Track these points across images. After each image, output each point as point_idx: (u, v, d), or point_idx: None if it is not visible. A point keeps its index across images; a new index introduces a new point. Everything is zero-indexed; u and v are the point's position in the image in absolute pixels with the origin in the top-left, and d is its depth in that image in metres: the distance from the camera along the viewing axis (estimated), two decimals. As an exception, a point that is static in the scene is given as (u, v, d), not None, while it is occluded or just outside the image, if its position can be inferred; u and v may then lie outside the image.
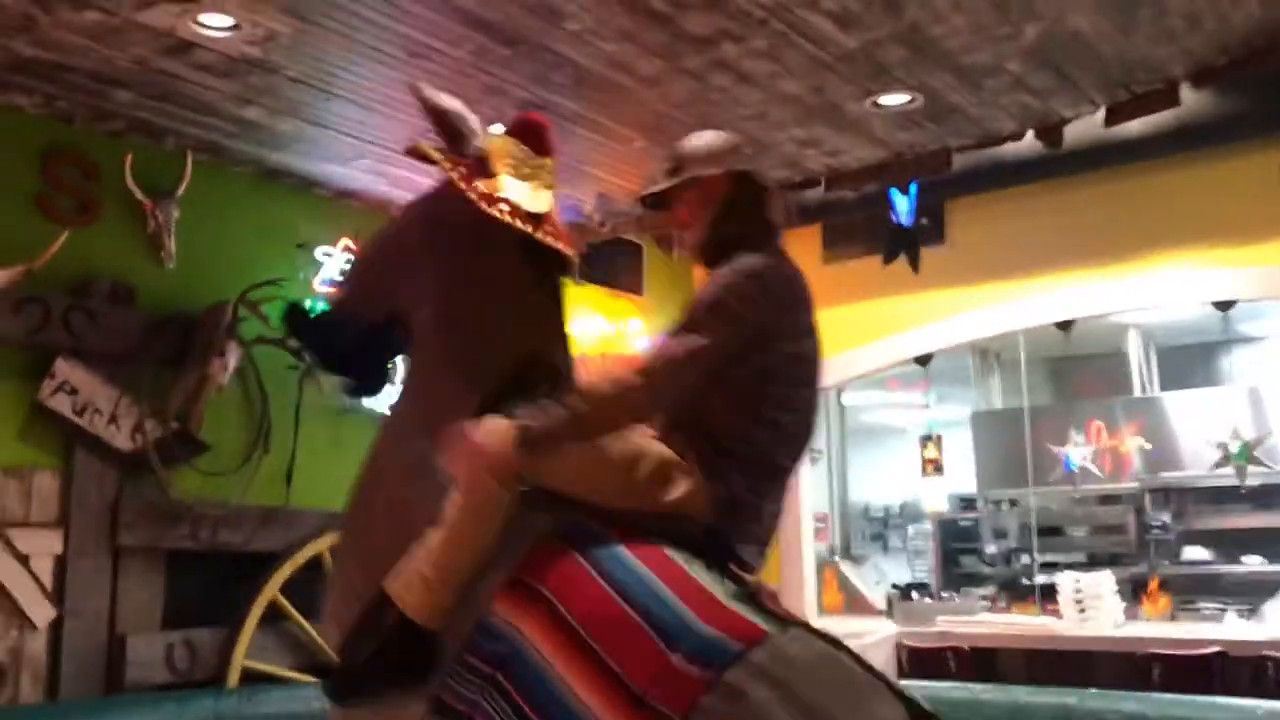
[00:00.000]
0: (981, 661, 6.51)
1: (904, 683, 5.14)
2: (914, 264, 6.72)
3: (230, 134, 5.42)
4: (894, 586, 7.92)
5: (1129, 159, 6.32)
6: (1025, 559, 8.44)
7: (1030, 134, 5.64)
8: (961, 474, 8.74)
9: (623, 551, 2.23)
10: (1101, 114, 5.39)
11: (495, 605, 2.24)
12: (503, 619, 2.21)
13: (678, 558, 2.22)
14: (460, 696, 2.21)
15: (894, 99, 5.23)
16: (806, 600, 7.87)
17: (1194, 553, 7.92)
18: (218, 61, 4.63)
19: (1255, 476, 7.06)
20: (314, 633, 5.67)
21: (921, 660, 6.63)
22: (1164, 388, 8.53)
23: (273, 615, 5.56)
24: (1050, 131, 5.58)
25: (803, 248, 7.95)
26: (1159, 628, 6.58)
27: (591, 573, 2.20)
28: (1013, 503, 8.84)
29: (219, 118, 5.22)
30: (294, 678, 5.50)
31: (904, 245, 6.68)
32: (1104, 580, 6.73)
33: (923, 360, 7.73)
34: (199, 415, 5.43)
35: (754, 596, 2.18)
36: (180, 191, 5.53)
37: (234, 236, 5.87)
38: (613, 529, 2.29)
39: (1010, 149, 5.92)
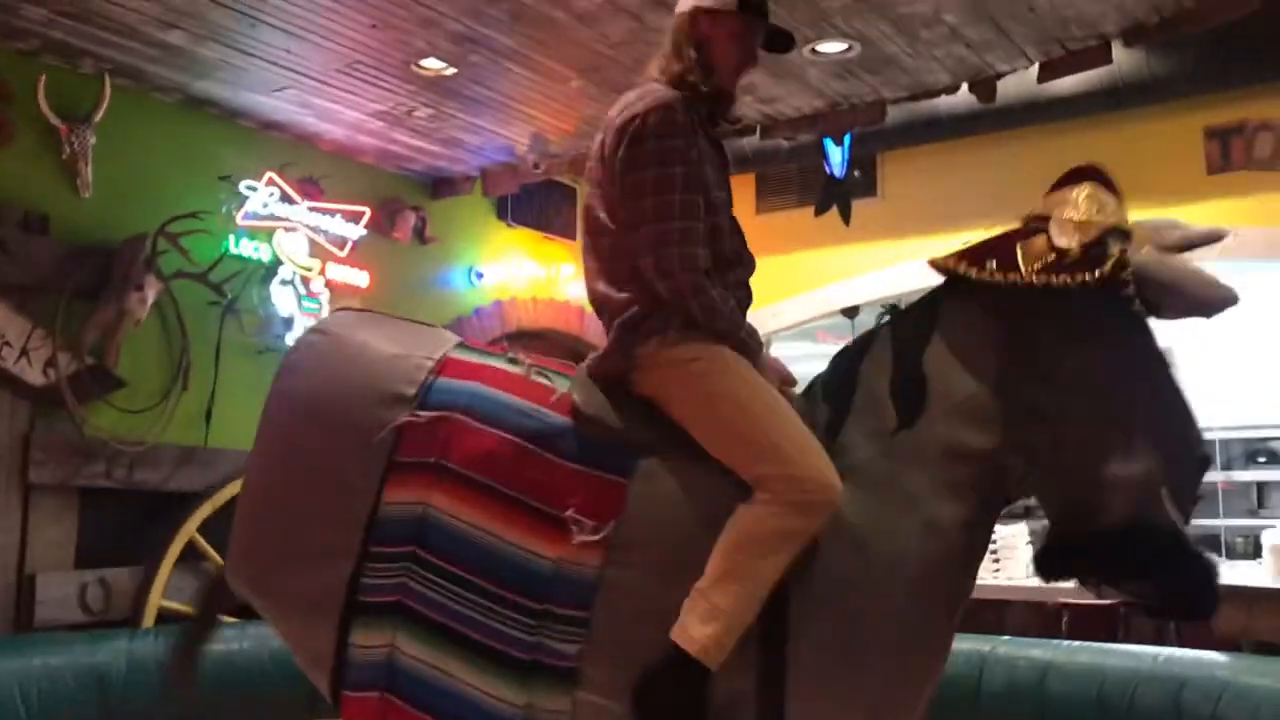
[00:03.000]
0: (898, 609, 6.63)
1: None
2: (845, 216, 6.74)
3: (152, 58, 5.22)
4: (815, 535, 8.02)
5: (1059, 116, 6.39)
6: (943, 510, 8.61)
7: (964, 88, 5.66)
8: (884, 426, 8.85)
9: (479, 387, 2.36)
10: (1035, 70, 5.42)
11: (386, 495, 2.29)
12: (400, 503, 2.28)
13: (499, 362, 2.46)
14: (379, 589, 2.26)
15: (832, 47, 5.20)
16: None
17: (1105, 506, 8.15)
18: (138, -19, 4.45)
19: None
20: (233, 573, 5.59)
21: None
22: (1082, 345, 8.70)
23: (191, 555, 5.46)
24: (984, 85, 5.59)
25: (737, 197, 7.86)
26: (1069, 578, 6.76)
27: (472, 423, 2.29)
28: (933, 455, 8.99)
29: (139, 40, 5.02)
30: (212, 618, 5.42)
31: (836, 197, 6.70)
32: (1019, 532, 6.89)
33: (850, 313, 7.79)
34: (115, 350, 5.29)
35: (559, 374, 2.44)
36: (98, 117, 5.33)
37: (154, 166, 5.69)
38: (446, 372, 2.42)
39: (944, 102, 5.94)
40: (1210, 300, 2.20)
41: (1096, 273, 2.19)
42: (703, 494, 2.25)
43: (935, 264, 2.42)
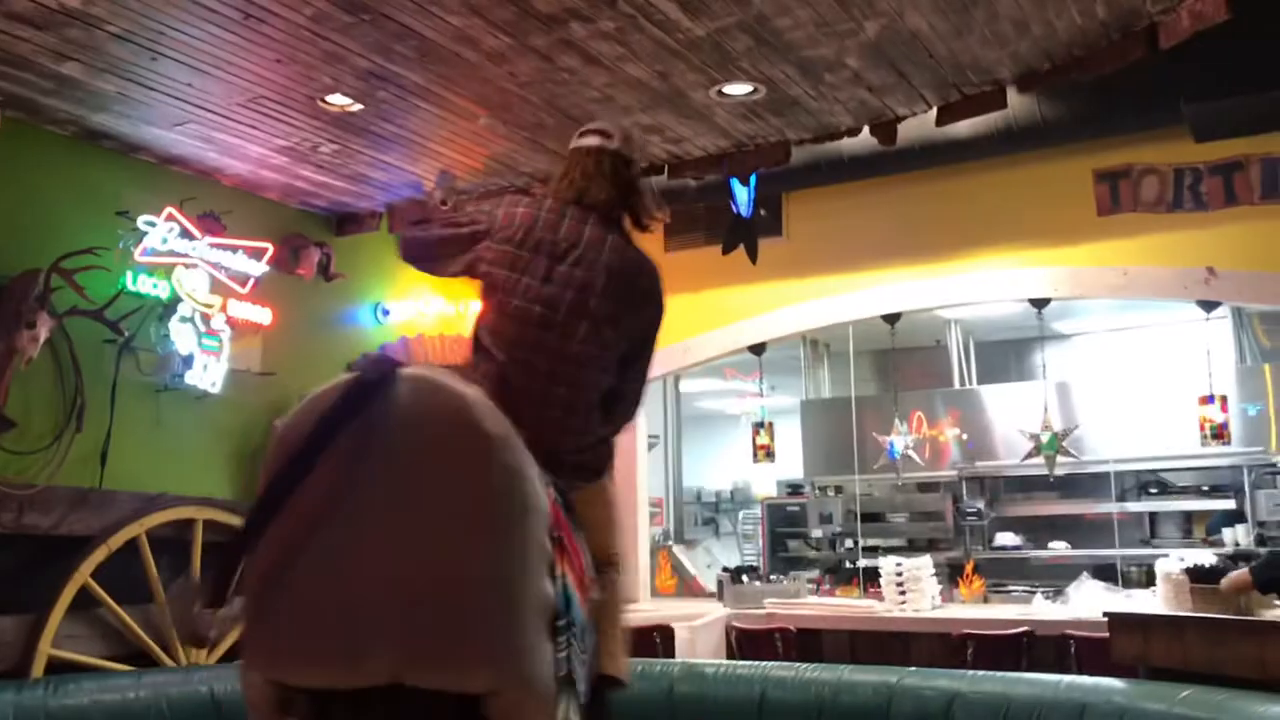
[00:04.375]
0: (807, 642, 6.69)
1: (734, 663, 5.23)
2: (752, 255, 6.83)
3: (46, 90, 5.09)
4: (724, 569, 8.07)
5: (957, 158, 6.57)
6: (849, 543, 8.74)
7: (866, 130, 5.80)
8: (791, 460, 8.96)
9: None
10: (934, 113, 5.58)
11: (555, 567, 2.30)
12: (557, 576, 2.32)
13: None
14: (560, 663, 2.25)
15: (737, 89, 5.29)
16: (641, 583, 7.95)
17: (1006, 538, 8.34)
18: (32, 11, 4.34)
19: (1062, 466, 7.47)
20: (128, 619, 5.42)
21: (750, 641, 6.78)
22: (981, 381, 8.93)
23: (84, 602, 5.27)
24: (885, 128, 5.74)
25: (645, 235, 7.99)
26: (973, 609, 6.90)
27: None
28: (838, 489, 9.12)
29: (33, 72, 4.89)
30: (105, 666, 5.23)
31: (743, 236, 6.78)
32: (923, 564, 7.01)
33: (757, 349, 7.89)
34: (4, 390, 5.10)
35: None
36: (-12, 150, 5.18)
37: (49, 201, 5.53)
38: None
39: (846, 144, 6.08)
40: None
41: None
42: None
43: None
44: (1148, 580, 6.66)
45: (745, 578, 7.83)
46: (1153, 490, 8.07)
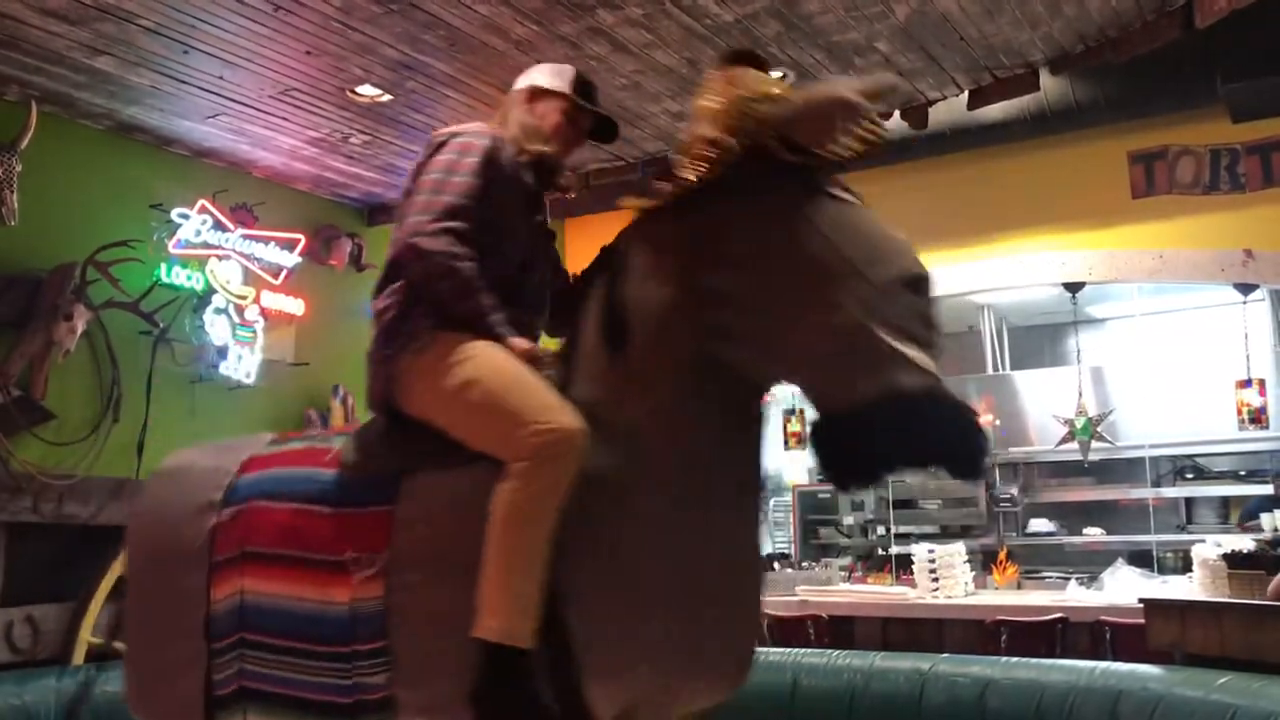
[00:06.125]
0: (839, 629, 6.66)
1: (766, 650, 5.23)
2: (782, 240, 6.79)
3: (80, 85, 5.14)
4: (756, 557, 8.04)
5: (989, 141, 6.51)
6: (881, 530, 8.70)
7: (897, 114, 5.76)
8: (823, 448, 8.91)
9: (273, 471, 2.57)
10: (965, 97, 5.53)
11: (213, 595, 2.51)
12: (223, 598, 2.50)
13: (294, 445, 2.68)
14: (223, 681, 2.48)
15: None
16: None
17: (1039, 524, 8.27)
18: (66, 6, 4.38)
19: (1097, 452, 7.39)
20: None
21: (782, 628, 6.76)
22: (1014, 366, 8.85)
23: (122, 591, 5.34)
24: (916, 112, 5.70)
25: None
26: (1006, 595, 6.85)
27: (266, 505, 2.50)
28: (870, 476, 9.07)
29: (67, 67, 4.94)
30: (145, 654, 5.30)
31: (772, 221, 6.75)
32: (956, 551, 6.96)
33: (788, 336, 7.84)
34: (43, 382, 5.17)
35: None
36: (24, 144, 5.22)
37: (83, 194, 5.59)
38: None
39: (877, 129, 6.03)
40: (846, 101, 2.12)
41: (739, 144, 2.10)
42: (467, 492, 2.22)
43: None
44: (1184, 566, 6.59)
45: (777, 565, 7.82)
46: (1189, 475, 7.98)
